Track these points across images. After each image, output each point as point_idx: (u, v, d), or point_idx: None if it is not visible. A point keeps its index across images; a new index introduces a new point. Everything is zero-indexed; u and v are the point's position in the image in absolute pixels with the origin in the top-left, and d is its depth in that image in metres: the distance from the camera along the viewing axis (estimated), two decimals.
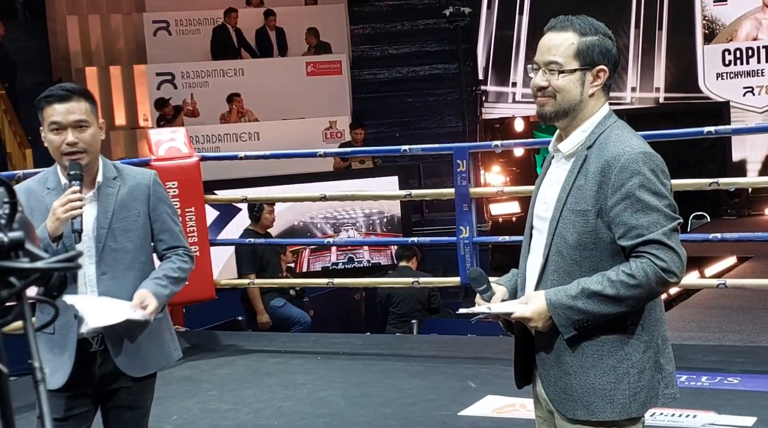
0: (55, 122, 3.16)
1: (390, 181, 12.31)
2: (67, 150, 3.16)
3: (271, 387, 5.79)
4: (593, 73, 2.54)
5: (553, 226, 2.55)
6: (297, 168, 12.03)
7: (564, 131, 2.60)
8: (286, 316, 8.86)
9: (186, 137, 7.18)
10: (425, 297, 9.14)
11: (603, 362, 2.51)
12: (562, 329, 2.48)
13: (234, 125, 14.23)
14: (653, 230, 2.43)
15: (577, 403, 2.53)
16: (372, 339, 7.51)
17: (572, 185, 2.52)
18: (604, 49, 2.54)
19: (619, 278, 2.43)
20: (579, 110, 2.55)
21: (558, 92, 2.54)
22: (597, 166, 2.48)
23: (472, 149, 6.78)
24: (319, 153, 7.75)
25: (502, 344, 6.94)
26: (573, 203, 2.51)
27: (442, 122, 15.83)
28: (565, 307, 2.47)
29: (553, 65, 2.54)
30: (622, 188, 2.43)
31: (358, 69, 16.22)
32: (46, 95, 3.20)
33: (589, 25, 2.55)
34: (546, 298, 2.50)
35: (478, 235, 6.82)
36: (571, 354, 2.53)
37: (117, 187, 3.28)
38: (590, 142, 2.53)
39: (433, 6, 16.41)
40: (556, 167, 2.62)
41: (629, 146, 2.47)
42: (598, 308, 2.45)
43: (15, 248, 1.21)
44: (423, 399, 5.35)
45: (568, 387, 2.54)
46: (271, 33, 15.54)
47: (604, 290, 2.43)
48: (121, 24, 15.79)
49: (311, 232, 12.53)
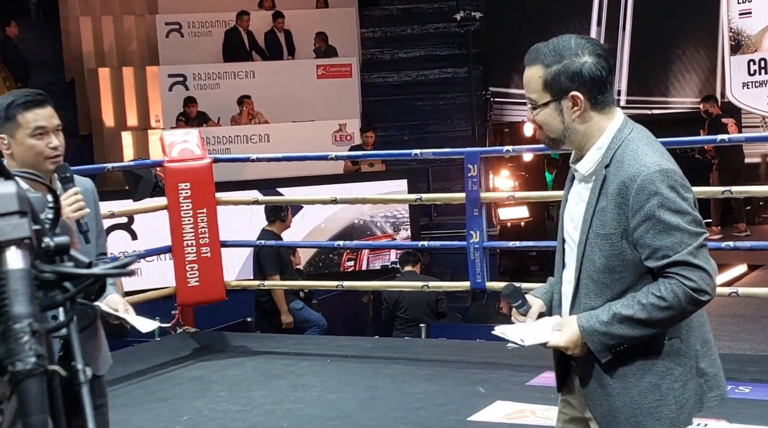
0: (41, 127, 3.13)
1: (399, 184, 12.33)
2: (52, 154, 3.15)
3: (280, 389, 5.81)
4: (568, 100, 2.49)
5: (581, 250, 2.54)
6: (307, 170, 12.06)
7: (577, 152, 2.59)
8: (305, 318, 8.93)
9: (199, 139, 7.21)
10: (433, 302, 9.15)
11: (645, 380, 2.50)
12: (598, 354, 2.48)
13: (244, 126, 14.27)
14: (678, 250, 2.40)
15: (624, 423, 2.52)
16: (381, 342, 7.52)
17: (595, 207, 2.50)
18: (570, 74, 2.47)
19: (650, 300, 2.41)
20: (571, 135, 2.54)
21: (543, 126, 2.55)
22: (615, 187, 2.45)
23: (483, 153, 6.79)
24: (330, 156, 7.78)
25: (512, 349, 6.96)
26: (598, 226, 2.49)
27: (452, 125, 15.85)
28: (599, 333, 2.46)
29: (529, 102, 2.54)
30: (641, 211, 2.41)
31: (368, 72, 16.25)
32: (23, 101, 3.14)
33: (554, 53, 2.49)
34: (579, 325, 2.49)
35: (488, 240, 6.84)
36: (612, 377, 2.52)
37: None
38: (607, 160, 2.49)
39: (444, 10, 16.43)
40: (578, 185, 2.61)
41: (644, 164, 2.43)
42: (632, 332, 2.44)
43: (61, 252, 1.25)
44: (432, 404, 5.37)
45: (613, 409, 2.53)
46: (280, 35, 15.58)
47: (635, 315, 2.42)
48: (133, 25, 15.85)
49: (371, 230, 12.62)
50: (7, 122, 3.14)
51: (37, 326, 1.15)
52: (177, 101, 14.29)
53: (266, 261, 8.59)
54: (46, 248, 1.24)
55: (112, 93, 14.87)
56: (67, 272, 1.24)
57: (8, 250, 1.20)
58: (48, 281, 1.25)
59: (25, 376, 1.14)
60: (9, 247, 1.20)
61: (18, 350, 1.14)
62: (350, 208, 12.18)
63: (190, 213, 6.92)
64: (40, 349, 1.14)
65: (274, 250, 8.58)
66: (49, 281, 1.25)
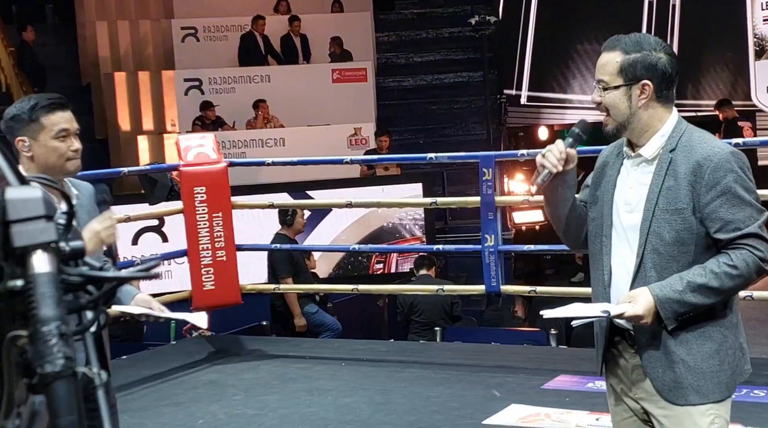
0: (65, 130, 3.22)
1: (414, 188, 12.33)
2: (73, 156, 3.23)
3: (295, 393, 5.83)
4: (638, 87, 2.70)
5: (646, 226, 2.70)
6: (322, 174, 12.08)
7: (635, 139, 2.76)
8: (319, 322, 8.95)
9: (215, 143, 7.24)
10: (448, 305, 9.14)
11: (706, 347, 2.70)
12: (667, 321, 2.64)
13: (260, 130, 14.29)
14: (749, 223, 2.62)
15: (688, 389, 2.69)
16: (395, 345, 7.53)
17: (661, 186, 2.68)
18: (647, 65, 2.69)
19: (722, 269, 2.61)
20: (635, 121, 2.73)
21: (609, 108, 2.74)
22: (687, 167, 2.65)
23: (498, 157, 6.80)
24: (345, 160, 7.80)
25: (527, 353, 6.96)
26: (666, 203, 2.67)
27: (466, 129, 15.83)
28: (672, 301, 2.62)
29: (600, 83, 2.75)
30: (717, 186, 2.61)
31: (383, 76, 16.26)
32: (47, 104, 3.22)
33: (635, 43, 2.71)
34: (653, 294, 2.64)
35: (502, 243, 6.83)
36: (676, 345, 2.70)
37: (81, 198, 3.33)
38: (672, 145, 2.70)
39: (459, 14, 16.42)
40: (635, 171, 2.77)
41: (717, 146, 2.68)
42: (703, 300, 2.61)
43: (76, 256, 1.26)
44: (447, 407, 5.37)
45: (678, 376, 2.70)
46: (296, 39, 15.61)
47: (708, 283, 2.60)
48: (149, 30, 15.91)
49: (399, 234, 12.66)
50: (30, 124, 3.20)
51: (65, 328, 1.17)
52: (193, 106, 14.33)
53: (279, 264, 8.61)
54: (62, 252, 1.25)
55: (128, 97, 14.92)
56: (94, 275, 1.26)
57: (35, 254, 1.21)
58: (74, 284, 1.27)
59: (53, 378, 1.16)
60: (36, 251, 1.22)
61: (46, 352, 1.16)
62: (379, 211, 12.25)
63: (206, 217, 6.95)
64: (68, 351, 1.16)
65: (287, 253, 8.59)
66: (75, 285, 1.27)
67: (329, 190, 11.49)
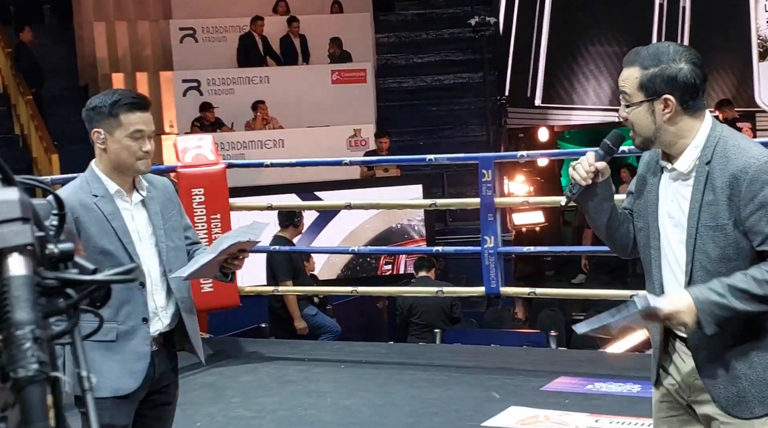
0: (140, 130, 3.26)
1: (414, 190, 12.32)
2: (143, 156, 3.27)
3: (294, 395, 5.80)
4: (661, 102, 2.62)
5: (691, 244, 2.64)
6: (321, 176, 12.07)
7: (667, 150, 2.70)
8: (318, 324, 8.92)
9: (213, 145, 7.22)
10: (447, 307, 9.12)
11: (766, 356, 2.64)
12: (706, 324, 2.56)
13: (259, 132, 14.27)
14: None
15: (753, 402, 2.64)
16: (395, 347, 7.51)
17: (701, 201, 2.62)
18: (666, 78, 2.61)
19: (765, 277, 2.53)
20: (662, 136, 2.66)
21: (634, 124, 2.67)
22: (724, 180, 2.58)
23: (497, 159, 6.78)
24: (344, 161, 7.77)
25: (527, 355, 6.95)
26: (707, 219, 2.61)
27: (466, 130, 15.82)
28: (712, 303, 2.55)
29: (624, 97, 2.68)
30: (755, 199, 2.54)
31: (382, 77, 16.25)
32: (128, 102, 3.27)
33: (653, 57, 2.64)
34: (692, 295, 2.57)
35: (502, 245, 6.81)
36: (737, 361, 2.64)
37: (153, 192, 3.40)
38: (707, 157, 2.62)
39: (459, 15, 16.42)
40: (673, 183, 2.71)
41: (753, 156, 2.58)
42: (743, 306, 2.54)
43: (65, 259, 1.24)
44: (447, 410, 5.35)
45: (741, 390, 2.64)
46: (296, 40, 15.60)
47: (750, 289, 2.53)
48: (147, 30, 15.88)
49: (408, 234, 12.67)
50: (108, 119, 3.26)
51: (39, 332, 1.14)
52: (191, 107, 14.31)
53: (278, 267, 8.58)
54: (50, 254, 1.23)
55: None
56: (70, 278, 1.23)
57: (10, 257, 1.19)
58: (51, 287, 1.24)
59: (26, 383, 1.13)
60: (11, 254, 1.19)
61: (20, 356, 1.13)
62: (387, 212, 12.27)
63: (204, 219, 6.92)
64: (42, 356, 1.14)
65: (286, 256, 8.57)
66: (52, 288, 1.24)
67: (338, 191, 11.52)
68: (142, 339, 3.28)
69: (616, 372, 5.81)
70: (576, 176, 2.71)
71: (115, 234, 3.26)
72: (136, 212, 3.34)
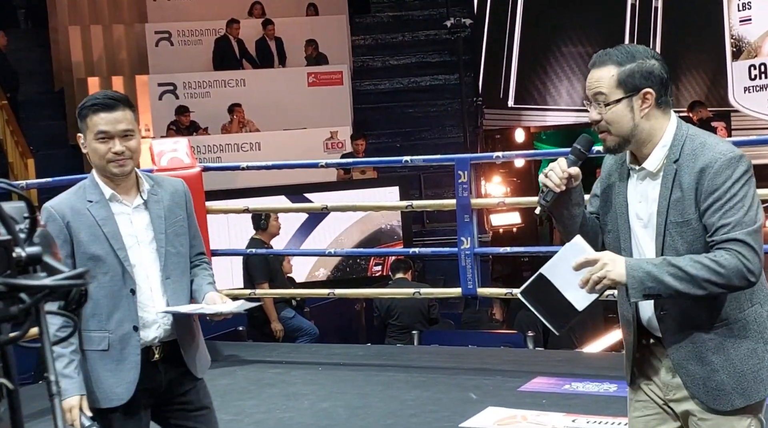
0: (103, 132, 3.17)
1: (390, 191, 12.33)
2: (113, 158, 3.19)
3: (272, 398, 5.79)
4: (640, 97, 2.64)
5: (660, 242, 2.66)
6: (298, 178, 12.07)
7: (637, 151, 2.70)
8: (296, 327, 8.91)
9: (188, 148, 7.19)
10: (425, 308, 9.13)
11: (743, 347, 2.65)
12: (632, 291, 2.55)
13: (235, 135, 14.25)
14: (738, 229, 2.54)
15: (732, 394, 2.65)
16: (373, 349, 7.51)
17: (669, 199, 2.64)
18: (644, 73, 2.64)
19: (704, 262, 2.53)
20: (638, 133, 2.66)
21: (610, 125, 2.66)
22: (691, 176, 2.61)
23: (473, 160, 6.79)
24: (320, 164, 7.77)
25: (504, 355, 6.96)
26: (675, 216, 2.63)
27: (443, 132, 15.85)
28: (643, 271, 2.54)
29: (599, 97, 2.67)
30: (716, 192, 2.56)
31: (359, 79, 16.25)
32: (91, 104, 3.20)
33: (626, 54, 2.66)
34: (626, 260, 2.58)
35: (479, 246, 6.83)
36: (713, 353, 2.65)
37: (159, 194, 3.32)
38: (675, 155, 2.65)
39: (434, 17, 16.46)
40: (641, 184, 2.72)
41: (720, 152, 2.60)
42: (673, 283, 2.53)
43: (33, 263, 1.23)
44: (424, 411, 5.36)
45: (719, 383, 2.65)
46: (271, 43, 15.58)
47: (685, 267, 2.53)
48: (123, 34, 15.82)
49: (398, 235, 12.72)
50: (82, 123, 3.23)
51: None
52: (167, 110, 14.26)
53: (255, 269, 8.57)
54: (18, 258, 1.22)
55: None
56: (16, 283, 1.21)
57: None
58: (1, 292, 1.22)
59: None
60: None
61: None
62: (376, 214, 12.31)
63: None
64: None
65: (262, 258, 8.55)
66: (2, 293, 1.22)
67: (327, 193, 11.58)
68: (133, 347, 3.21)
69: (593, 371, 5.83)
70: (549, 183, 2.69)
71: (106, 240, 3.19)
72: (137, 215, 3.27)
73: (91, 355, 3.21)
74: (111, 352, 3.21)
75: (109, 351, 3.21)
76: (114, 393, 3.21)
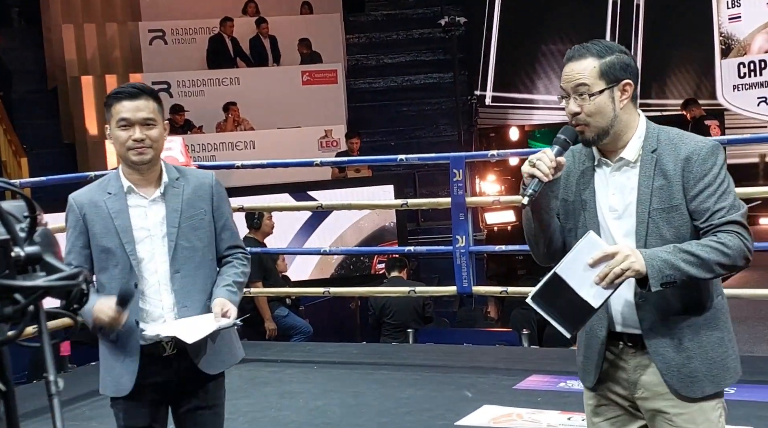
0: (124, 119, 3.22)
1: (385, 190, 12.33)
2: (133, 145, 3.22)
3: (266, 397, 5.79)
4: (620, 88, 2.69)
5: (643, 229, 2.67)
6: (293, 177, 12.06)
7: (612, 144, 2.73)
8: (290, 325, 8.90)
9: (182, 146, 7.19)
10: (420, 307, 9.14)
11: (713, 335, 2.72)
12: (652, 280, 2.56)
13: (230, 133, 14.23)
14: (733, 212, 2.63)
15: (703, 381, 2.70)
16: (368, 348, 7.51)
17: (652, 187, 2.67)
18: (623, 65, 2.70)
19: (713, 244, 2.59)
20: (616, 125, 2.70)
21: (591, 116, 2.68)
22: (677, 163, 2.66)
23: (468, 158, 6.79)
24: (315, 162, 7.76)
25: (499, 353, 6.97)
26: (659, 203, 2.66)
27: (438, 130, 15.84)
28: (661, 260, 2.56)
29: (582, 88, 2.68)
30: (705, 178, 2.63)
31: (353, 78, 16.25)
32: (116, 92, 3.26)
33: (605, 47, 2.72)
34: (642, 251, 2.59)
35: (474, 244, 6.83)
36: (689, 339, 2.70)
37: (181, 187, 3.33)
38: (652, 145, 2.70)
39: (429, 16, 16.45)
40: (615, 176, 2.74)
41: (701, 140, 2.70)
42: (688, 269, 2.57)
43: (32, 262, 1.22)
44: (419, 409, 5.36)
45: (693, 370, 2.70)
46: (265, 41, 15.56)
47: (697, 252, 2.58)
48: (116, 33, 15.79)
49: (393, 233, 12.75)
50: (107, 113, 3.27)
51: None
52: None
53: None
54: (17, 258, 1.21)
55: (95, 101, 14.79)
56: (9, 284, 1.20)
57: None
58: None
59: None
60: None
61: None
62: (380, 212, 12.35)
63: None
64: None
65: (255, 257, 8.52)
66: None
67: (321, 191, 11.57)
68: (134, 340, 3.24)
69: None
70: (538, 172, 2.67)
71: (116, 233, 3.23)
72: (153, 208, 3.28)
73: (104, 344, 3.31)
74: (118, 343, 3.26)
75: (117, 343, 3.27)
76: (120, 383, 3.27)
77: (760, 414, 4.82)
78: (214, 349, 3.34)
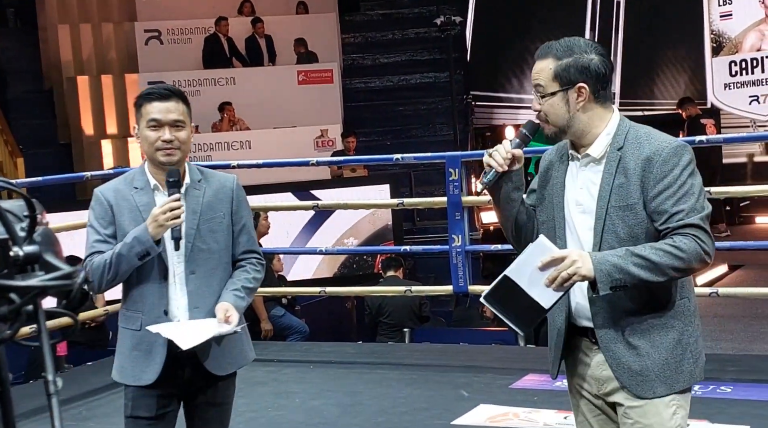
0: (155, 119, 3.26)
1: (381, 189, 12.34)
2: (162, 146, 3.26)
3: (263, 397, 5.79)
4: (575, 90, 2.72)
5: (600, 225, 2.71)
6: (289, 177, 12.06)
7: (577, 141, 2.78)
8: (286, 325, 8.89)
9: None
10: (416, 306, 9.14)
11: (669, 336, 2.72)
12: (601, 285, 2.59)
13: (226, 133, 14.24)
14: (693, 215, 2.62)
15: (654, 381, 2.71)
16: (364, 347, 7.51)
17: (612, 184, 2.70)
18: (580, 67, 2.72)
19: (665, 248, 2.60)
20: (574, 125, 2.75)
21: (547, 115, 2.76)
22: (637, 163, 2.67)
23: (464, 157, 6.78)
24: (311, 162, 7.76)
25: (495, 352, 6.97)
26: (618, 200, 2.68)
27: (434, 130, 15.85)
28: (610, 264, 2.58)
29: (539, 88, 2.76)
30: (665, 179, 2.63)
31: (349, 78, 16.25)
32: (147, 93, 3.31)
33: (566, 48, 2.74)
34: (591, 254, 2.62)
35: (470, 243, 6.83)
36: (639, 339, 2.70)
37: (203, 189, 3.36)
38: (619, 143, 2.72)
39: (424, 15, 16.44)
40: (583, 171, 2.78)
41: (665, 141, 2.70)
42: (639, 273, 2.58)
43: (31, 261, 1.22)
44: (416, 408, 5.36)
45: (643, 369, 2.70)
46: (261, 41, 15.56)
47: (649, 255, 2.58)
48: (112, 33, 15.78)
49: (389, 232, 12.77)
50: (137, 113, 3.32)
51: None
52: None
53: None
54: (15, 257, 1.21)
55: (91, 101, 14.80)
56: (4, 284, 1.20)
57: None
58: None
59: None
60: None
61: None
62: (383, 211, 12.39)
63: None
64: None
65: None
66: None
67: (317, 190, 11.56)
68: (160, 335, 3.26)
69: None
70: (493, 162, 2.78)
71: None
72: None
73: (126, 333, 3.35)
74: (142, 333, 3.28)
75: (141, 332, 3.29)
76: (144, 372, 3.30)
77: (756, 413, 4.82)
78: (222, 351, 3.36)
